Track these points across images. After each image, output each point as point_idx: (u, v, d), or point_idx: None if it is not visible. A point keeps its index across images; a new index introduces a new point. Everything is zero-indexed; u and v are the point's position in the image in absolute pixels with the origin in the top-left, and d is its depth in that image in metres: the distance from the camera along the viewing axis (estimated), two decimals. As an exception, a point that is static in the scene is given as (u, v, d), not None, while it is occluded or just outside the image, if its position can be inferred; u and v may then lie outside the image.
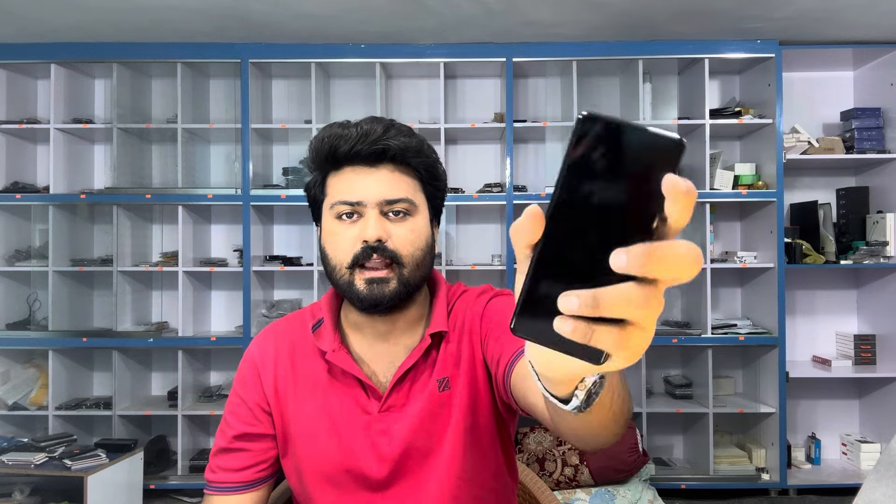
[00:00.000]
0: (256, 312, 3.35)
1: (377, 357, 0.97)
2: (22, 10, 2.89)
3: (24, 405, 3.29)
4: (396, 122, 0.92)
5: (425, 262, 0.93)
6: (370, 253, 0.88)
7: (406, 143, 0.90)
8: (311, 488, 0.96)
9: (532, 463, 2.94)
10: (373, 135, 0.88)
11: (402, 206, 0.90)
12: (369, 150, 0.88)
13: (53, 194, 3.26)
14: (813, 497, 3.22)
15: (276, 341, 1.01)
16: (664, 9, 2.93)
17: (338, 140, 0.89)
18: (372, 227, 0.88)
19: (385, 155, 0.89)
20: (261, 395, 0.98)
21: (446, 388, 0.94)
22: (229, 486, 0.97)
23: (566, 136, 3.38)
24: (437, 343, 0.96)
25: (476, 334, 0.96)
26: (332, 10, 2.93)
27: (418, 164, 0.92)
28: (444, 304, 0.99)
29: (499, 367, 0.87)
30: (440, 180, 0.97)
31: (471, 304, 1.00)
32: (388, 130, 0.89)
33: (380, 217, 0.89)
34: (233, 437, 0.98)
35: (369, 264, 0.88)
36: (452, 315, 0.99)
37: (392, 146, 0.88)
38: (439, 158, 0.97)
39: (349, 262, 0.89)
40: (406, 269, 0.90)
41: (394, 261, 0.89)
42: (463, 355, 0.96)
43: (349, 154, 0.89)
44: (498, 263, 3.37)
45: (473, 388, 0.94)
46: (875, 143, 3.30)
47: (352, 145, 0.88)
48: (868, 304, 3.50)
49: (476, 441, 0.94)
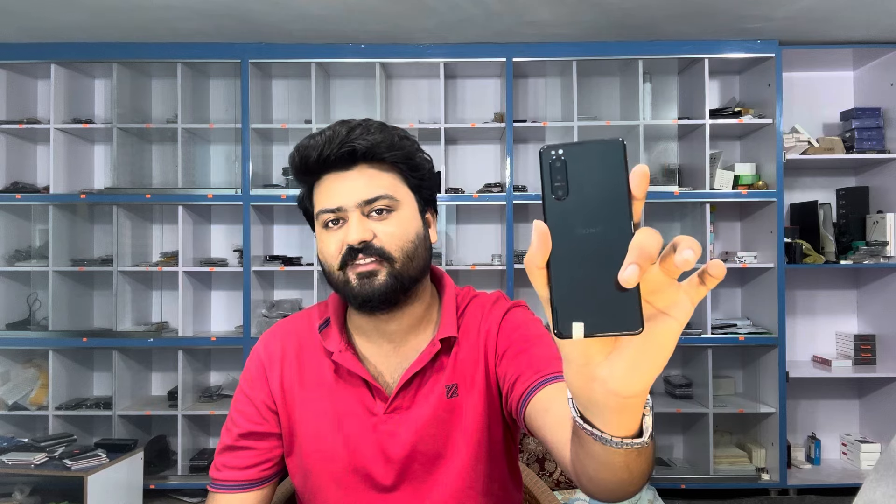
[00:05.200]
0: (256, 312, 3.35)
1: (383, 358, 0.96)
2: (22, 9, 2.89)
3: (24, 405, 3.29)
4: (366, 122, 0.91)
5: (418, 254, 0.92)
6: (356, 254, 0.88)
7: (373, 141, 0.89)
8: (315, 488, 0.96)
9: (532, 463, 2.94)
10: (337, 138, 0.88)
11: (382, 204, 0.89)
12: (337, 153, 0.88)
13: (53, 194, 3.26)
14: (813, 497, 3.22)
15: (283, 340, 1.00)
16: (664, 9, 2.93)
17: (306, 150, 0.90)
18: (353, 231, 0.88)
19: (356, 155, 0.89)
20: (267, 394, 0.98)
21: (454, 394, 0.93)
22: (234, 484, 0.97)
23: (566, 136, 3.39)
24: (447, 348, 0.95)
25: (492, 346, 0.95)
26: (332, 10, 2.93)
27: (393, 158, 0.91)
28: (454, 307, 0.98)
29: (514, 389, 0.87)
30: (422, 169, 0.95)
31: (486, 311, 0.99)
32: (352, 131, 0.89)
33: (362, 218, 0.89)
34: (239, 435, 0.98)
35: (357, 262, 0.89)
36: (463, 319, 0.98)
37: (358, 146, 0.88)
38: (419, 148, 0.96)
39: (338, 264, 0.90)
40: (397, 263, 0.89)
41: (382, 257, 0.89)
42: (476, 364, 0.95)
43: (319, 161, 0.89)
44: (498, 263, 3.37)
45: (484, 398, 0.94)
46: (875, 143, 3.30)
47: (319, 152, 0.88)
48: (868, 304, 3.50)
49: (485, 450, 0.94)
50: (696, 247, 0.39)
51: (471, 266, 3.36)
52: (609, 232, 0.42)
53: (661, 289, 0.42)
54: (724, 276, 0.40)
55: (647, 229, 0.41)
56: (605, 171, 0.43)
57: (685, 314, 0.43)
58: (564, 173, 0.43)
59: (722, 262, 0.41)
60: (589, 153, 0.43)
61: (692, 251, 0.39)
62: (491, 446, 0.94)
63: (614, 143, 0.43)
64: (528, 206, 3.46)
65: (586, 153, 0.43)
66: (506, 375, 0.91)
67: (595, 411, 0.49)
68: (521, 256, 3.34)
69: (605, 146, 0.43)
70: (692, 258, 0.39)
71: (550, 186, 0.43)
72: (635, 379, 0.44)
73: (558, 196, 0.43)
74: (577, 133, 3.27)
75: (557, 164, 0.43)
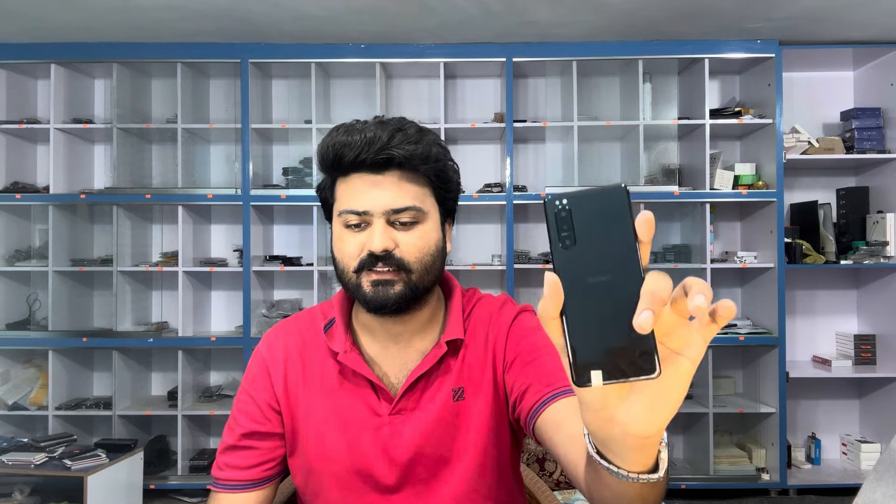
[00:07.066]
0: (256, 312, 3.35)
1: (389, 359, 0.96)
2: (22, 9, 2.89)
3: (24, 405, 3.29)
4: (405, 125, 0.90)
5: (435, 266, 0.91)
6: (375, 261, 0.87)
7: (411, 152, 0.87)
8: (317, 488, 0.96)
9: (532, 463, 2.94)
10: (377, 143, 0.86)
11: (409, 216, 0.88)
12: (374, 158, 0.86)
13: (53, 194, 3.26)
14: (813, 497, 3.22)
15: (287, 340, 1.00)
16: (664, 9, 2.93)
17: (342, 148, 0.88)
18: (378, 238, 0.86)
19: (391, 162, 0.87)
20: (270, 394, 0.97)
21: (461, 398, 0.93)
22: (237, 483, 0.96)
23: (566, 136, 3.39)
24: (453, 350, 0.95)
25: (500, 352, 0.95)
26: (332, 10, 2.93)
27: (427, 171, 0.90)
28: (460, 310, 0.98)
29: (523, 399, 0.87)
30: (451, 182, 0.94)
31: (493, 315, 0.98)
32: (392, 137, 0.86)
33: (386, 227, 0.88)
34: (241, 434, 0.97)
35: (375, 270, 0.88)
36: (470, 322, 0.98)
37: (396, 155, 0.86)
38: (450, 158, 0.94)
39: (355, 266, 0.89)
40: (414, 275, 0.89)
41: (401, 268, 0.88)
42: (483, 368, 0.94)
43: (354, 162, 0.88)
44: (498, 263, 3.36)
45: (491, 403, 0.93)
46: (875, 143, 3.30)
47: (356, 154, 0.87)
48: (868, 304, 3.50)
49: (491, 455, 0.93)
50: (707, 291, 0.40)
51: (471, 266, 3.36)
52: (619, 278, 0.43)
53: (674, 330, 0.43)
54: (734, 315, 0.42)
55: (656, 273, 0.41)
56: (611, 218, 0.43)
57: (698, 353, 0.43)
58: (570, 222, 0.44)
59: (732, 302, 0.41)
60: (593, 201, 0.44)
61: (704, 296, 0.40)
62: (497, 451, 0.94)
63: (617, 189, 0.44)
64: (527, 205, 3.46)
65: (590, 201, 0.44)
66: (514, 385, 0.90)
67: (613, 449, 0.50)
68: (520, 256, 3.34)
69: (608, 193, 0.44)
70: (704, 304, 0.40)
71: (557, 236, 0.44)
72: (653, 420, 0.45)
73: (566, 245, 0.44)
74: (576, 133, 3.27)
75: (563, 213, 0.44)
